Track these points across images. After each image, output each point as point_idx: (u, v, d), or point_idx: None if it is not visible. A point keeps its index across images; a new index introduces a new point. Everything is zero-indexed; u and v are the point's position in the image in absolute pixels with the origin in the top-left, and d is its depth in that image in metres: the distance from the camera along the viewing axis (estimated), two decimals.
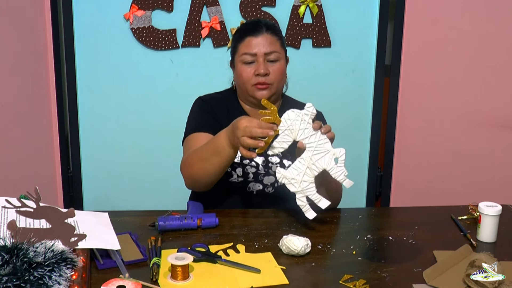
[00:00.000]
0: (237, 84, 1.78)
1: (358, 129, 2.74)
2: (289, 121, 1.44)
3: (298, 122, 1.44)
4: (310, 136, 1.45)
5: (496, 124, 2.66)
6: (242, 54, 1.70)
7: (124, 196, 2.69)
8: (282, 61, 1.73)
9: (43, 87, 2.56)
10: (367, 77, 2.69)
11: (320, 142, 1.46)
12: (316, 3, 2.53)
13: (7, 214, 1.24)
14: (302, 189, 1.47)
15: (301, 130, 1.44)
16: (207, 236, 1.47)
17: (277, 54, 1.71)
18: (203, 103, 1.79)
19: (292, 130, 1.44)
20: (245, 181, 1.74)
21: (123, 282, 1.13)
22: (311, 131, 1.45)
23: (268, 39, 1.70)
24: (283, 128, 1.44)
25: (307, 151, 1.46)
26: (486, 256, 1.23)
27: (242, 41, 1.72)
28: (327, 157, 1.46)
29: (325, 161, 1.46)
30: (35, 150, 2.56)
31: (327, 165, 1.46)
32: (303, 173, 1.47)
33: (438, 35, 2.62)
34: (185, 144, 1.75)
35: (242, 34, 1.73)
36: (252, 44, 1.69)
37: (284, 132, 1.44)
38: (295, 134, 1.44)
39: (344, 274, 1.27)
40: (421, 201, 2.66)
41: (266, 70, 1.68)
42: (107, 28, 2.52)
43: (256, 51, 1.69)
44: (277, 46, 1.71)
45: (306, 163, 1.47)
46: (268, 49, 1.69)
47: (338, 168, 1.47)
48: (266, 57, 1.69)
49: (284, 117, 1.44)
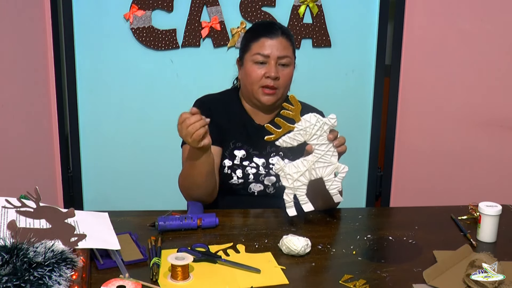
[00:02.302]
0: (242, 83, 1.77)
1: (358, 129, 2.73)
2: (307, 123, 1.46)
3: (315, 128, 1.46)
4: (321, 144, 1.48)
5: (496, 124, 2.66)
6: (254, 53, 1.69)
7: (124, 196, 2.69)
8: (292, 66, 1.73)
9: (43, 87, 2.56)
10: (367, 77, 2.69)
11: (328, 153, 1.49)
12: (316, 3, 2.53)
13: (7, 214, 1.24)
14: (294, 187, 1.50)
15: (315, 135, 1.47)
16: (207, 236, 1.47)
17: (289, 59, 1.70)
18: (201, 106, 1.77)
19: (307, 132, 1.47)
20: (245, 182, 1.74)
21: (123, 282, 1.13)
22: (325, 139, 1.48)
23: (282, 43, 1.69)
24: (300, 127, 1.46)
25: (313, 156, 1.49)
26: (486, 256, 1.23)
27: (256, 40, 1.70)
28: (329, 168, 1.50)
29: (326, 171, 1.50)
30: (35, 150, 2.56)
31: (326, 176, 1.50)
32: (300, 173, 1.49)
33: (438, 35, 2.62)
34: (182, 152, 1.76)
35: (256, 34, 1.72)
36: (266, 45, 1.68)
37: (299, 131, 1.46)
38: (308, 137, 1.47)
39: (344, 274, 1.27)
40: (421, 201, 2.66)
41: (277, 74, 1.68)
42: (107, 28, 2.51)
43: (270, 53, 1.68)
44: (290, 51, 1.71)
45: (307, 166, 1.49)
46: (282, 53, 1.69)
47: (335, 182, 1.51)
48: (279, 60, 1.69)
49: (305, 117, 1.46)
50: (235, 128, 1.75)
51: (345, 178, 1.51)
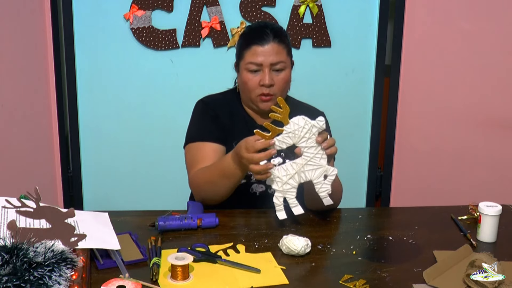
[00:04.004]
0: (241, 89, 1.76)
1: (358, 129, 2.73)
2: (296, 126, 1.45)
3: (304, 130, 1.45)
4: (310, 147, 1.47)
5: (496, 124, 2.66)
6: (247, 62, 1.67)
7: (124, 196, 2.69)
8: (287, 69, 1.70)
9: (43, 87, 2.55)
10: (367, 77, 2.69)
11: (317, 156, 1.47)
12: (316, 3, 2.53)
13: (7, 214, 1.24)
14: (284, 190, 1.49)
15: (304, 138, 1.46)
16: (207, 236, 1.47)
17: (283, 64, 1.67)
18: (205, 107, 1.77)
19: (296, 135, 1.45)
20: (248, 183, 1.74)
21: (123, 282, 1.13)
22: (313, 142, 1.46)
23: (274, 49, 1.66)
24: (288, 130, 1.45)
25: (302, 159, 1.48)
26: (486, 256, 1.23)
27: (248, 48, 1.67)
28: (318, 171, 1.49)
29: (315, 174, 1.49)
30: (35, 150, 2.56)
31: (316, 178, 1.49)
32: (290, 176, 1.48)
33: (438, 35, 2.61)
34: (187, 152, 1.75)
35: (248, 41, 1.69)
36: (258, 53, 1.65)
37: (287, 134, 1.45)
38: (296, 140, 1.46)
39: (344, 274, 1.27)
40: (421, 201, 2.66)
41: (271, 81, 1.66)
42: (107, 28, 2.51)
43: (262, 61, 1.65)
44: (283, 55, 1.68)
45: (296, 169, 1.48)
46: (275, 59, 1.66)
47: (324, 185, 1.50)
48: (272, 67, 1.66)
49: (293, 120, 1.45)
50: (238, 128, 1.75)
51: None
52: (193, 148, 1.71)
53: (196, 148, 1.70)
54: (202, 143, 1.69)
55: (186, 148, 1.75)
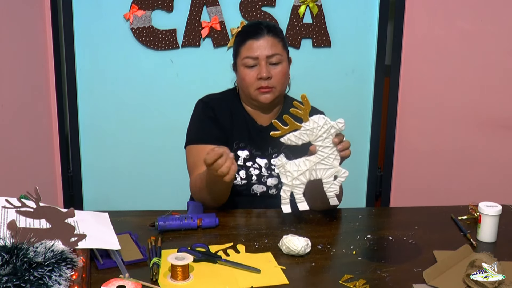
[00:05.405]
0: (240, 88, 1.77)
1: (358, 129, 2.73)
2: (315, 124, 1.46)
3: (322, 130, 1.46)
4: (325, 147, 1.48)
5: (496, 124, 2.66)
6: (244, 57, 1.69)
7: (124, 196, 2.69)
8: (284, 63, 1.72)
9: (43, 87, 2.56)
10: (367, 77, 2.69)
11: (331, 156, 1.49)
12: (316, 3, 2.53)
13: (7, 214, 1.24)
14: (292, 185, 1.50)
15: (321, 137, 1.47)
16: (207, 236, 1.47)
17: (279, 57, 1.69)
18: (205, 107, 1.77)
19: (313, 133, 1.47)
20: (248, 183, 1.74)
21: (123, 282, 1.13)
22: (329, 142, 1.47)
23: (269, 42, 1.69)
24: (307, 127, 1.46)
25: (315, 157, 1.49)
26: (486, 256, 1.23)
27: (243, 44, 1.70)
28: (329, 171, 1.50)
29: (326, 174, 1.50)
30: (35, 150, 2.56)
31: (326, 178, 1.50)
32: (301, 172, 1.49)
33: (438, 35, 2.62)
34: (188, 155, 1.75)
35: (243, 37, 1.72)
36: (253, 47, 1.68)
37: (305, 131, 1.46)
38: (313, 138, 1.47)
39: (344, 274, 1.27)
40: (421, 201, 2.66)
41: (268, 74, 1.67)
42: (107, 28, 2.51)
43: (258, 54, 1.67)
44: (279, 48, 1.70)
45: (308, 166, 1.49)
46: (270, 51, 1.68)
47: (333, 185, 1.51)
48: (268, 60, 1.68)
49: (313, 118, 1.46)
50: (238, 129, 1.75)
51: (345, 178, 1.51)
52: (193, 150, 1.72)
53: (196, 150, 1.70)
54: (202, 145, 1.69)
55: (187, 149, 1.76)
